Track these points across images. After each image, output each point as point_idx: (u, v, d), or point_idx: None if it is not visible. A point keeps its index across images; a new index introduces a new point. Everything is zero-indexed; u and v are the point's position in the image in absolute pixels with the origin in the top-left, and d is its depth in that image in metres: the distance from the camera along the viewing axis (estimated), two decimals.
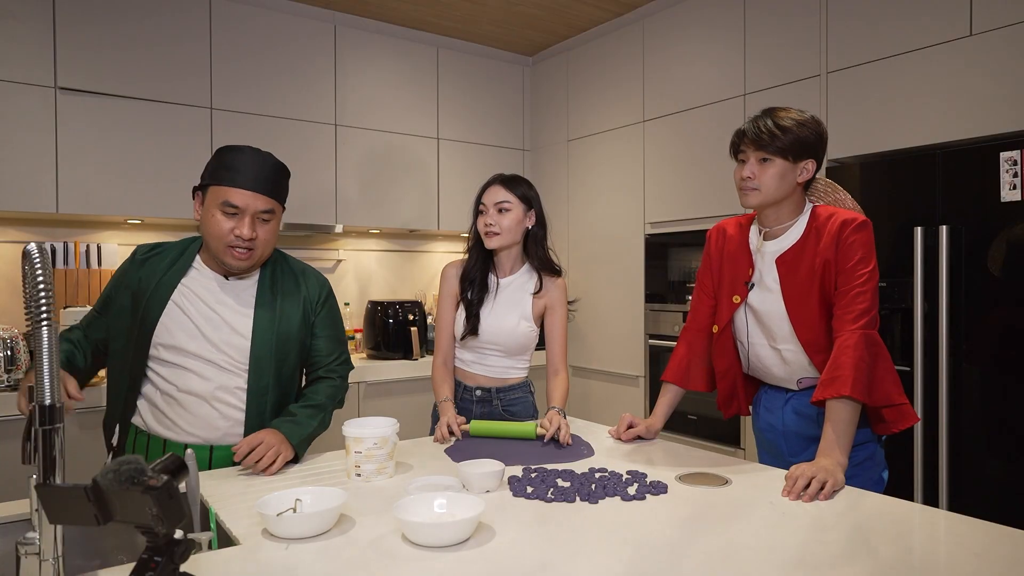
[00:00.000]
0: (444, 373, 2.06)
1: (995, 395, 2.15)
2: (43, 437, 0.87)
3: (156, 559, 0.79)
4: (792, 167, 1.60)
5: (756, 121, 1.62)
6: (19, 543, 0.93)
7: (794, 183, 1.62)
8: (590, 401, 3.80)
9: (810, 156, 1.61)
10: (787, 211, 1.66)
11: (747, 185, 1.63)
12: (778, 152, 1.58)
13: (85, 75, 2.83)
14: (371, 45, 3.60)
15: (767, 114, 1.62)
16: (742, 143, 1.64)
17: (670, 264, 3.34)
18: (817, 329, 1.60)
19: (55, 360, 0.87)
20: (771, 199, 1.62)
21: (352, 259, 3.89)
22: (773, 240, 1.68)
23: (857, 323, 1.52)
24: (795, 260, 1.63)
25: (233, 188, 1.59)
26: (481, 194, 2.03)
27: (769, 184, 1.60)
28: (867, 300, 1.54)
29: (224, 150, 1.65)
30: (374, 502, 1.32)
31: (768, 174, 1.60)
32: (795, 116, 1.60)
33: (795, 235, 1.65)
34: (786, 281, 1.64)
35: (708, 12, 3.16)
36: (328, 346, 1.78)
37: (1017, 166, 2.09)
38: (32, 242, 0.90)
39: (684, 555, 1.07)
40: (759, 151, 1.60)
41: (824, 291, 1.59)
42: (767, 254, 1.68)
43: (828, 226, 1.59)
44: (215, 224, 1.59)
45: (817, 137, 1.61)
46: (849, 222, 1.57)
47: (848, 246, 1.56)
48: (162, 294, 1.63)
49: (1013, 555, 1.06)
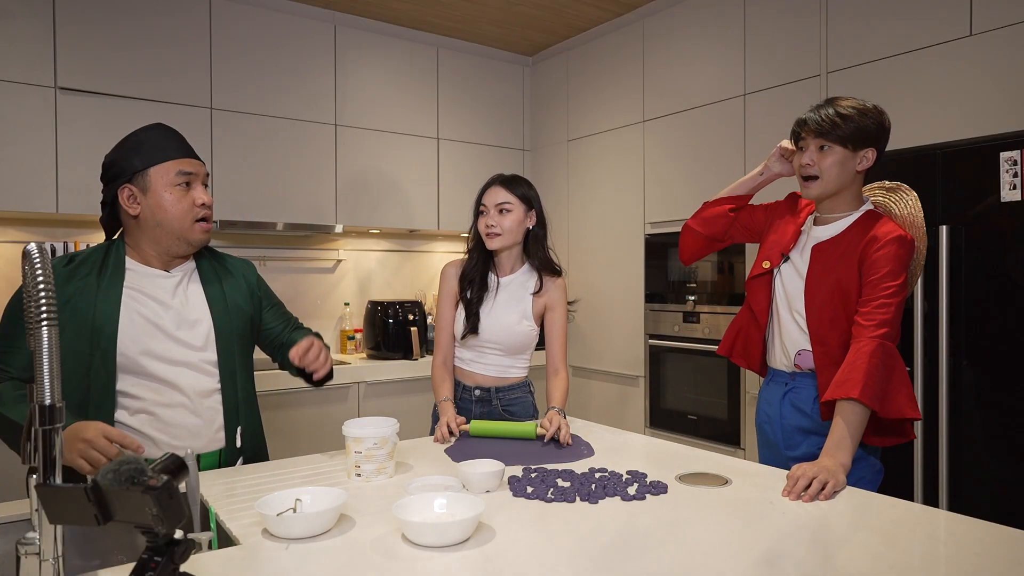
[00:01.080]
0: (444, 373, 2.06)
1: (995, 395, 2.15)
2: (43, 437, 0.87)
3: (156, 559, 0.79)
4: (852, 155, 1.62)
5: (818, 110, 1.64)
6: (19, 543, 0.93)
7: (853, 172, 1.64)
8: (590, 401, 3.80)
9: (870, 145, 1.62)
10: (843, 203, 1.67)
11: (807, 172, 1.65)
12: (838, 140, 1.60)
13: (85, 75, 2.83)
14: (371, 45, 3.60)
15: (829, 103, 1.65)
16: (803, 131, 1.66)
17: (670, 264, 3.34)
18: (825, 324, 1.62)
19: (55, 360, 0.87)
20: (831, 188, 1.64)
21: (352, 259, 3.89)
22: (821, 227, 1.71)
23: (877, 332, 1.52)
24: (829, 252, 1.65)
25: (178, 159, 1.57)
26: (481, 195, 2.04)
27: (829, 172, 1.63)
28: (890, 312, 1.54)
29: (139, 133, 1.59)
30: (374, 502, 1.32)
31: (828, 162, 1.62)
32: (856, 105, 1.62)
33: (839, 228, 1.67)
34: (813, 269, 1.67)
35: (708, 12, 3.16)
36: (279, 316, 1.81)
37: (1017, 166, 2.09)
38: (32, 242, 0.90)
39: (684, 555, 1.07)
40: (819, 139, 1.63)
41: (844, 292, 1.60)
42: (811, 238, 1.71)
43: (869, 233, 1.60)
44: (175, 202, 1.55)
45: (878, 126, 1.62)
46: (884, 235, 1.58)
47: (875, 260, 1.56)
48: (111, 304, 1.51)
49: (1013, 555, 1.06)
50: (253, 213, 3.24)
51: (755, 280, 1.80)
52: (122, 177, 1.55)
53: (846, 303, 1.60)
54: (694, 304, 3.21)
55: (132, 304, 1.54)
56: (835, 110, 1.61)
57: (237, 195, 3.20)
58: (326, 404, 3.21)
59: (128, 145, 1.58)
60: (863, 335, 1.53)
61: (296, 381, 3.08)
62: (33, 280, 0.88)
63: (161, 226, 1.57)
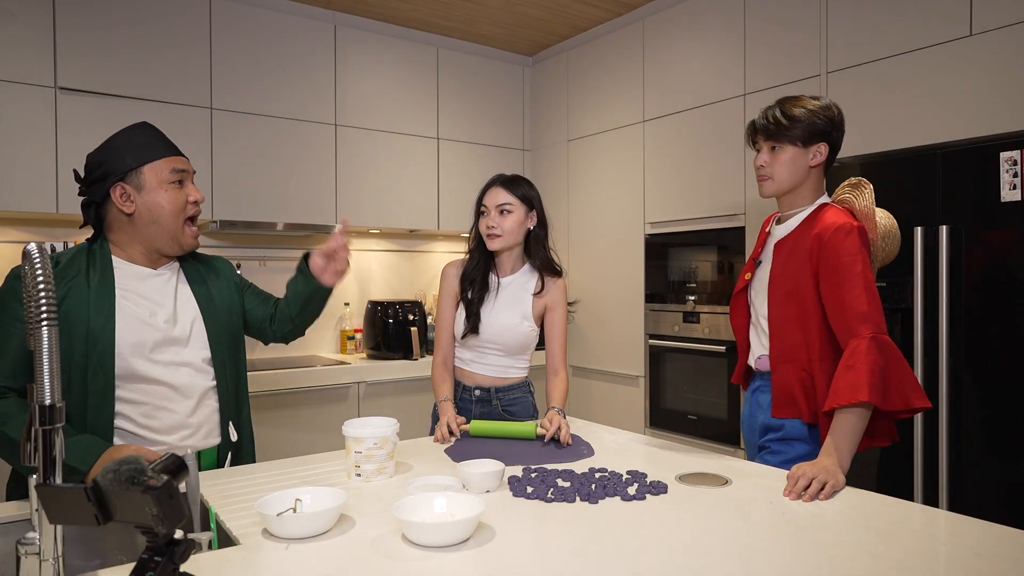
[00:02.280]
0: (444, 373, 2.06)
1: (995, 395, 2.15)
2: (43, 437, 0.87)
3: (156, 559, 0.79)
4: (803, 152, 1.67)
5: (767, 112, 1.70)
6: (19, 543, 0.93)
7: (807, 167, 1.68)
8: (590, 401, 3.80)
9: (821, 140, 1.66)
10: (801, 198, 1.71)
11: (762, 174, 1.71)
12: (787, 140, 1.65)
13: (85, 75, 2.83)
14: (371, 45, 3.60)
15: (779, 104, 1.70)
16: (755, 135, 1.73)
17: (670, 264, 3.34)
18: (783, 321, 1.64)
19: (55, 360, 0.87)
20: (785, 186, 1.69)
21: (352, 259, 3.87)
22: (782, 224, 1.75)
23: (861, 328, 1.50)
24: (787, 248, 1.68)
25: (170, 157, 1.57)
26: (482, 195, 2.04)
27: (781, 171, 1.68)
28: (862, 303, 1.51)
29: (125, 132, 1.57)
30: (374, 502, 1.32)
31: (779, 161, 1.68)
32: (805, 104, 1.66)
33: (795, 224, 1.71)
34: (775, 266, 1.70)
35: (708, 12, 3.16)
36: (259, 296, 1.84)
37: (1017, 166, 2.09)
38: (32, 242, 0.90)
39: (684, 555, 1.07)
40: (769, 140, 1.68)
41: (799, 288, 1.62)
42: (773, 237, 1.75)
43: (814, 229, 1.63)
44: (170, 200, 1.55)
45: (827, 121, 1.66)
46: (829, 228, 1.59)
47: (829, 264, 1.57)
48: (105, 306, 1.49)
49: (1013, 555, 1.06)
50: (253, 213, 3.24)
51: (737, 296, 1.83)
52: (113, 176, 1.53)
53: (801, 300, 1.63)
54: (694, 304, 3.21)
55: (126, 304, 1.53)
56: (782, 111, 1.67)
57: (237, 195, 3.20)
58: (326, 404, 3.21)
59: (116, 144, 1.56)
60: (849, 338, 1.51)
61: (294, 382, 3.09)
62: (33, 280, 0.88)
63: (157, 224, 1.56)
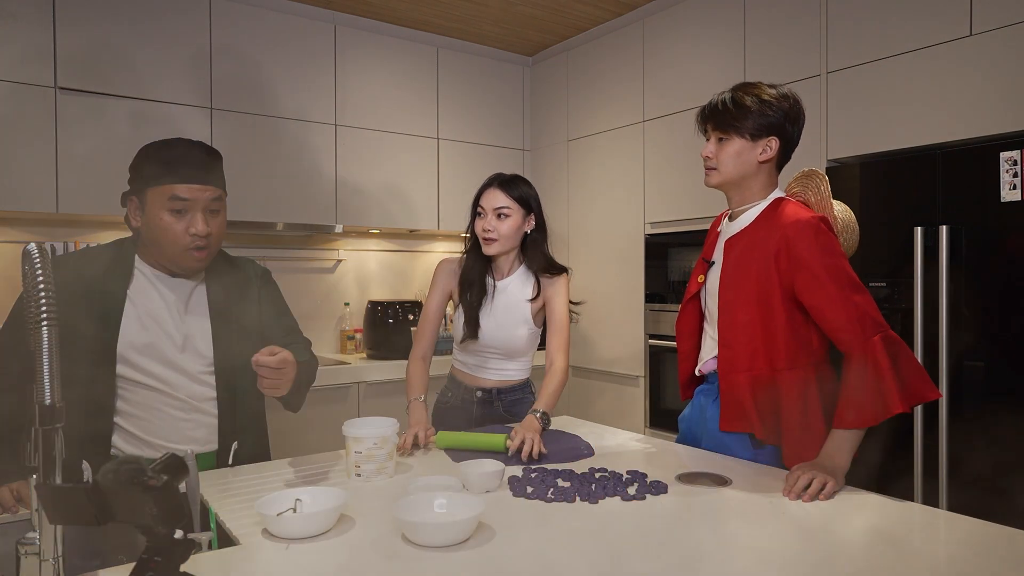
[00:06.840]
0: (422, 369, 2.00)
1: (995, 395, 2.15)
2: (43, 437, 0.87)
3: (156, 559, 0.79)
4: (751, 145, 1.55)
5: (720, 95, 1.59)
6: (19, 543, 0.93)
7: (755, 162, 1.56)
8: (590, 401, 3.80)
9: (772, 134, 1.55)
10: (750, 193, 1.60)
11: (707, 163, 1.60)
12: (734, 131, 1.55)
13: (85, 75, 2.83)
14: (371, 45, 3.60)
15: (733, 89, 1.58)
16: (705, 121, 1.62)
17: (670, 264, 3.34)
18: (734, 325, 1.53)
19: (55, 360, 0.87)
20: (730, 178, 1.58)
21: (352, 259, 3.89)
22: (733, 221, 1.64)
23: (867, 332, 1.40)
24: (740, 245, 1.58)
25: (175, 184, 1.50)
26: (479, 196, 2.02)
27: (726, 163, 1.57)
28: (858, 304, 1.42)
29: (152, 147, 1.55)
30: (374, 502, 1.32)
31: (725, 152, 1.57)
32: (760, 92, 1.55)
33: (748, 220, 1.60)
34: (726, 264, 1.59)
35: (708, 12, 3.16)
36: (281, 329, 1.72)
37: (1017, 166, 2.09)
38: (32, 242, 0.90)
39: (684, 555, 1.07)
40: (717, 130, 1.58)
41: (762, 289, 1.51)
42: (724, 235, 1.65)
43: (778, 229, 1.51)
44: (165, 228, 1.51)
45: (781, 115, 1.54)
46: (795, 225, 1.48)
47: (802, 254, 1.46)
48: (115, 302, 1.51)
49: (1013, 555, 1.06)
50: (253, 213, 3.24)
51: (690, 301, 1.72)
52: (131, 188, 1.56)
53: (764, 304, 1.51)
54: None
55: (134, 306, 1.53)
56: (733, 98, 1.55)
57: (237, 195, 3.16)
58: (326, 404, 3.21)
59: (141, 156, 1.56)
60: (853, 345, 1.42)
61: None
62: (33, 280, 0.88)
63: (157, 245, 1.56)
